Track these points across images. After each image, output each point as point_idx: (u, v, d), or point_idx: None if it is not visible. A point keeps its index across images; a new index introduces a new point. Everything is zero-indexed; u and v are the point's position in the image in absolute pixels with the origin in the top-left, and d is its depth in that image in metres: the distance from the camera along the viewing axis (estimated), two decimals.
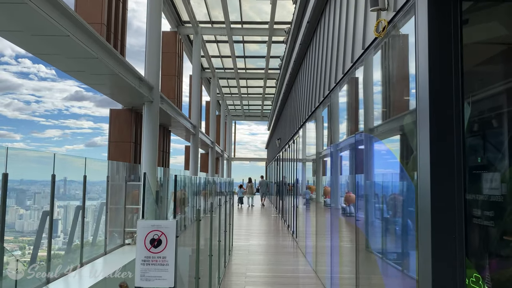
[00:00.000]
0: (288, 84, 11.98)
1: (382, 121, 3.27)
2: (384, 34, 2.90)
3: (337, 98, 5.10)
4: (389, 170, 3.08)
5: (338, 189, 5.10)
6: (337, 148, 5.03)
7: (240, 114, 35.94)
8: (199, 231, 5.92)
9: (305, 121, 8.44)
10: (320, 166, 6.86)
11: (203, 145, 21.74)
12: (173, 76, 14.75)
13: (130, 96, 8.71)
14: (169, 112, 11.17)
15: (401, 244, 2.95)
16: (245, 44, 18.50)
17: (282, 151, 14.96)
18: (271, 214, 17.51)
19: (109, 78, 7.08)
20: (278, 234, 11.47)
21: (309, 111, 7.79)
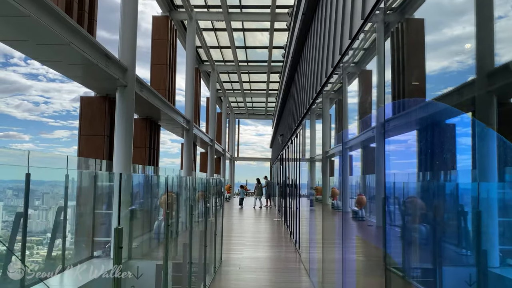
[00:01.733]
0: (291, 69, 10.48)
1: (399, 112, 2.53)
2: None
3: (346, 89, 4.19)
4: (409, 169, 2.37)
5: (348, 191, 4.27)
6: (346, 146, 4.20)
7: (243, 112, 34.45)
8: (168, 249, 4.46)
9: (309, 108, 6.94)
10: (328, 165, 5.37)
11: (202, 143, 20.31)
12: (164, 65, 13.32)
13: (98, 80, 7.27)
14: (154, 102, 9.71)
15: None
16: (246, 34, 17.04)
17: (285, 149, 13.45)
18: (274, 217, 15.99)
19: (64, 52, 5.64)
20: (279, 244, 9.96)
21: (310, 101, 6.34)
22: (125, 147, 7.41)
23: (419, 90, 2.31)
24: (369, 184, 3.43)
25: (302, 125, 8.18)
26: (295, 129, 9.54)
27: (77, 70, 6.58)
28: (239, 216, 17.60)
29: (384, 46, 2.84)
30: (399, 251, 2.61)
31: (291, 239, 10.31)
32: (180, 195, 7.38)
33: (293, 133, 10.14)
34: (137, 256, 7.80)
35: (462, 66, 1.84)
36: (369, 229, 3.52)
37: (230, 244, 9.57)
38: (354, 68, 3.88)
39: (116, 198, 7.83)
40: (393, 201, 2.65)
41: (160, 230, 9.87)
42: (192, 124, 14.25)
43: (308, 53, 7.32)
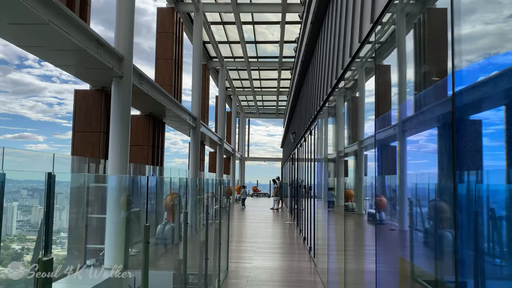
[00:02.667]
0: (304, 63, 9.67)
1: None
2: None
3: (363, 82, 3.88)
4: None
5: (362, 192, 4.07)
6: (362, 145, 3.96)
7: (254, 111, 33.67)
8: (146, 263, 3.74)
9: (324, 103, 6.14)
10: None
11: (211, 142, 19.61)
12: (169, 60, 12.61)
13: (91, 70, 6.57)
14: (156, 97, 8.99)
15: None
16: (256, 28, 16.27)
17: (297, 148, 12.63)
18: (286, 220, 15.17)
19: (45, 34, 4.92)
20: (291, 251, 9.14)
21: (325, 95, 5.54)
22: (121, 145, 6.69)
23: (443, 85, 2.14)
24: (391, 185, 3.14)
25: (317, 121, 7.37)
26: (309, 126, 8.72)
27: (65, 57, 5.87)
28: (249, 219, 16.82)
29: (405, 39, 2.69)
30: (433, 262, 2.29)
31: (305, 246, 9.49)
32: (180, 200, 6.64)
33: (307, 130, 9.32)
34: (135, 265, 7.08)
35: (490, 57, 1.75)
36: (398, 235, 2.89)
37: (238, 251, 8.79)
38: (371, 63, 3.61)
39: (110, 200, 7.13)
40: (427, 203, 2.34)
41: (164, 235, 9.18)
42: (199, 121, 13.52)
43: (322, 45, 6.81)
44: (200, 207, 9.46)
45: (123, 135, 6.70)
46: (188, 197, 10.51)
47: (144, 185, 8.47)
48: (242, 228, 13.42)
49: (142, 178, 7.76)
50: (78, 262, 7.11)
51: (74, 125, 7.59)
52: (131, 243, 8.30)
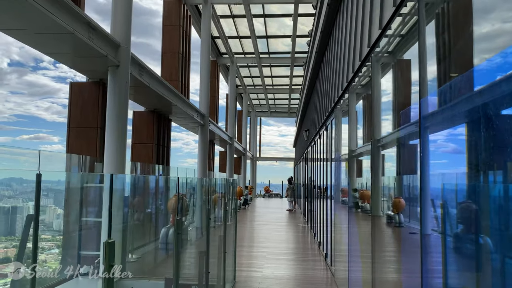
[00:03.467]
0: (318, 57, 8.94)
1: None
2: None
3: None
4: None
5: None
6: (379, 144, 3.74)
7: (265, 109, 32.95)
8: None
9: (343, 93, 5.42)
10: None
11: (221, 141, 18.99)
12: (176, 54, 12.00)
13: (85, 59, 5.96)
14: (160, 91, 8.37)
15: None
16: (267, 21, 15.58)
17: (311, 146, 11.90)
18: (299, 223, 14.44)
19: (23, 14, 4.31)
20: (305, 257, 8.41)
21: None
22: (118, 141, 6.06)
23: (468, 79, 1.98)
24: (410, 186, 2.94)
25: (334, 115, 6.65)
26: (325, 121, 7.99)
27: (52, 43, 5.26)
28: (261, 221, 16.13)
29: (425, 31, 2.54)
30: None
31: (320, 251, 8.76)
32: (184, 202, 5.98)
33: (322, 126, 8.59)
34: (135, 274, 6.47)
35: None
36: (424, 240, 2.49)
37: (248, 257, 8.11)
38: (389, 58, 3.47)
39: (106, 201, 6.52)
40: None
41: (168, 239, 8.56)
42: (207, 119, 12.88)
43: (338, 36, 6.39)
44: (205, 208, 8.77)
45: (120, 130, 6.07)
46: (190, 198, 9.86)
47: (147, 185, 7.85)
48: (253, 231, 12.74)
49: (142, 178, 7.14)
50: (71, 270, 6.44)
51: (69, 120, 7.01)
52: (131, 249, 7.69)
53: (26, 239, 5.77)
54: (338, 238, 6.58)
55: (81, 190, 6.13)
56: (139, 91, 8.01)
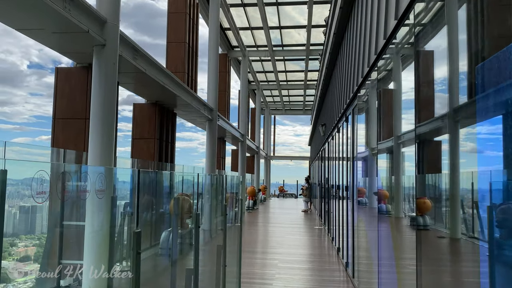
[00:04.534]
0: (334, 47, 7.97)
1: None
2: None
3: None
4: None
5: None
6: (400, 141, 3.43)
7: (279, 107, 31.96)
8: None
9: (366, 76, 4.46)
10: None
11: (233, 139, 18.13)
12: (182, 44, 11.16)
13: (63, 36, 5.13)
14: (158, 78, 7.53)
15: None
16: (280, 11, 14.65)
17: (328, 142, 10.91)
18: (315, 225, 13.45)
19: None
20: (322, 265, 7.44)
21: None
22: (104, 131, 5.22)
23: (504, 67, 1.74)
24: (437, 185, 2.64)
25: (356, 102, 5.68)
26: (345, 111, 7.02)
27: (21, 16, 4.44)
28: (274, 222, 15.19)
29: (456, 17, 2.32)
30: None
31: (339, 259, 7.78)
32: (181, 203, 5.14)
33: (341, 118, 7.62)
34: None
35: None
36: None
37: (257, 265, 7.20)
38: (409, 50, 3.23)
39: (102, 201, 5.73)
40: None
41: (169, 244, 7.74)
42: (215, 113, 12.01)
43: (354, 25, 6.02)
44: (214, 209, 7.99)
45: (106, 118, 5.23)
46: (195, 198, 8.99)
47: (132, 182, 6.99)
48: (265, 234, 11.82)
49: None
50: (50, 282, 5.74)
51: (54, 111, 6.21)
52: (119, 258, 6.87)
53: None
54: (362, 245, 5.61)
55: (62, 186, 5.31)
56: (135, 78, 7.18)
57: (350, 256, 6.70)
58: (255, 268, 6.87)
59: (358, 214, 5.75)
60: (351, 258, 6.47)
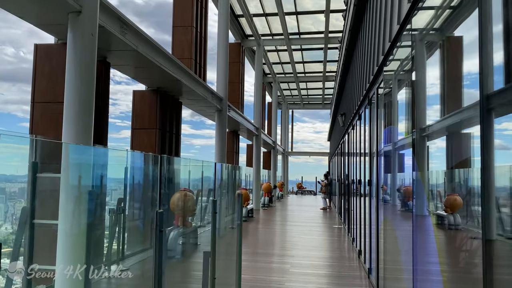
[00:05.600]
0: (353, 33, 6.97)
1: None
2: None
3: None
4: None
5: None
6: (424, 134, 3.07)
7: (297, 101, 30.89)
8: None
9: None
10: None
11: (248, 133, 17.28)
12: (189, 28, 10.35)
13: (35, 3, 4.35)
14: (153, 57, 6.72)
15: None
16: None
17: (348, 132, 9.91)
18: (334, 224, 12.47)
19: None
20: (342, 270, 6.49)
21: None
22: (80, 116, 4.43)
23: None
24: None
25: (381, 79, 4.72)
26: (367, 91, 6.04)
27: None
28: (291, 221, 14.27)
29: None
30: None
31: (360, 263, 6.82)
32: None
33: (364, 100, 6.65)
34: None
35: None
36: None
37: (265, 270, 6.32)
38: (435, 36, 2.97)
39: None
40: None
41: (170, 244, 6.96)
42: (225, 103, 11.15)
43: (374, 4, 5.42)
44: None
45: (83, 101, 4.43)
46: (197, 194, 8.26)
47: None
48: (279, 233, 10.92)
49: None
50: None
51: (33, 93, 5.47)
52: (117, 258, 6.10)
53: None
54: (392, 248, 4.64)
55: (33, 181, 4.55)
56: (133, 61, 6.41)
57: (373, 260, 5.74)
58: (261, 273, 5.99)
59: (384, 214, 4.79)
60: (375, 263, 5.51)
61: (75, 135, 4.33)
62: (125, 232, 6.23)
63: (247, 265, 6.50)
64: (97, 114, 6.11)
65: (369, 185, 6.03)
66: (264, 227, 11.84)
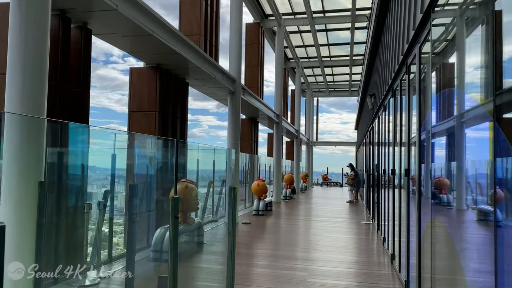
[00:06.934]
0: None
1: None
2: None
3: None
4: None
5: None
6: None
7: (323, 88, 29.37)
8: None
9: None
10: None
11: (269, 121, 16.14)
12: (198, 1, 9.26)
13: None
14: (141, 22, 5.66)
15: None
16: None
17: (378, 115, 8.60)
18: (361, 219, 11.21)
19: None
20: (370, 281, 5.31)
21: None
22: (24, 90, 3.42)
23: None
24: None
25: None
26: (405, 57, 4.78)
27: None
28: (314, 215, 13.09)
29: None
30: None
31: (394, 272, 5.61)
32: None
33: (401, 67, 5.38)
34: None
35: None
36: None
37: (276, 279, 5.21)
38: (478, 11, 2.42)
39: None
40: None
41: (165, 245, 5.97)
42: (239, 84, 10.03)
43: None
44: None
45: (29, 71, 3.42)
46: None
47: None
48: (298, 230, 9.78)
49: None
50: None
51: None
52: (96, 263, 5.13)
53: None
54: (442, 256, 3.43)
55: None
56: (119, 28, 5.36)
57: (412, 269, 4.54)
58: (269, 283, 4.88)
59: (434, 214, 3.56)
60: (415, 272, 4.31)
61: (20, 106, 3.34)
62: (100, 231, 5.23)
63: (249, 272, 5.43)
64: (77, 93, 5.13)
65: (406, 175, 4.79)
66: (282, 222, 10.73)
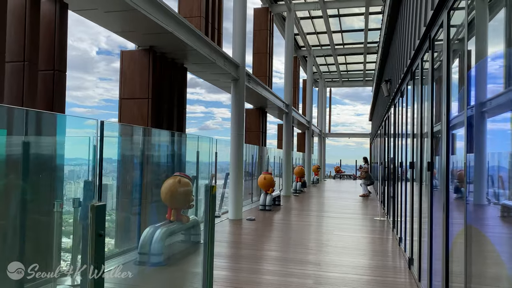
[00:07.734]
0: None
1: None
2: None
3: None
4: None
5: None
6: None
7: (336, 78, 28.40)
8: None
9: None
10: None
11: (279, 111, 15.41)
12: None
13: None
14: (150, 14, 5.01)
15: None
16: None
17: (395, 102, 7.82)
18: (375, 215, 10.47)
19: None
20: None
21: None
22: None
23: None
24: None
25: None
26: (427, 32, 4.03)
27: None
28: (322, 211, 12.40)
29: None
30: None
31: (412, 280, 4.91)
32: None
33: (418, 51, 4.63)
34: None
35: None
36: None
37: (280, 284, 4.57)
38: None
39: None
40: None
41: (154, 248, 5.48)
42: (242, 71, 9.33)
43: None
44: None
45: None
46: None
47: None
48: (307, 228, 9.11)
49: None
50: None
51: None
52: (85, 267, 4.59)
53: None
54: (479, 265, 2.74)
55: None
56: (105, 3, 4.72)
57: (436, 278, 3.88)
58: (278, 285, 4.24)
59: (469, 220, 2.86)
60: (440, 281, 3.63)
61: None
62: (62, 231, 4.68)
63: (241, 279, 4.79)
64: (51, 77, 4.55)
65: (429, 170, 4.06)
66: (289, 218, 10.08)
